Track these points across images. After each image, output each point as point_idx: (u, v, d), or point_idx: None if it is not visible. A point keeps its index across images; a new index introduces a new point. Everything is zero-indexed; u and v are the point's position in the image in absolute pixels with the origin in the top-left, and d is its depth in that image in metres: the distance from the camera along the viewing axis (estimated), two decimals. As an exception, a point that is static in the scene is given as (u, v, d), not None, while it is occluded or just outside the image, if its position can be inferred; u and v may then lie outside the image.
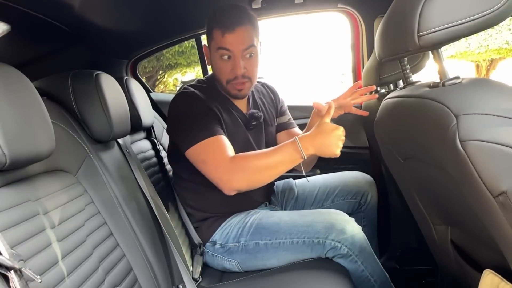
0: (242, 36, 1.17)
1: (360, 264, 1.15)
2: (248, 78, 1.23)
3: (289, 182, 1.57)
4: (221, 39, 1.16)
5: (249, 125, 1.33)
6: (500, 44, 10.64)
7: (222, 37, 1.16)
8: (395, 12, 0.76)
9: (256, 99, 1.42)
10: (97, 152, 1.07)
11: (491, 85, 0.64)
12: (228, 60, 1.19)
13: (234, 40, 1.16)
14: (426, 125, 0.71)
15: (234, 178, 1.09)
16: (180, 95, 1.26)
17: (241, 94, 1.27)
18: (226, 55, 1.18)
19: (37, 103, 0.76)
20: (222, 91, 1.31)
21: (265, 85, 1.53)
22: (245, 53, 1.19)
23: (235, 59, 1.18)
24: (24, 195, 0.74)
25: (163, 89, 10.24)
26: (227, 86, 1.24)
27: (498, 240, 0.61)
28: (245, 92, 1.27)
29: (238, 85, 1.23)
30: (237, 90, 1.24)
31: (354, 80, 1.98)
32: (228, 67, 1.20)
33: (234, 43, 1.16)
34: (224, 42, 1.16)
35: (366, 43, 1.82)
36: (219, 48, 1.18)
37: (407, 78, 1.01)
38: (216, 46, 1.19)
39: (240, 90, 1.25)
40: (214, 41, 1.19)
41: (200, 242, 1.30)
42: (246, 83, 1.24)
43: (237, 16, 1.18)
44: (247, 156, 1.11)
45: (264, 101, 1.45)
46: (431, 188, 0.87)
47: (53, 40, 1.39)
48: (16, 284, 0.59)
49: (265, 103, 1.45)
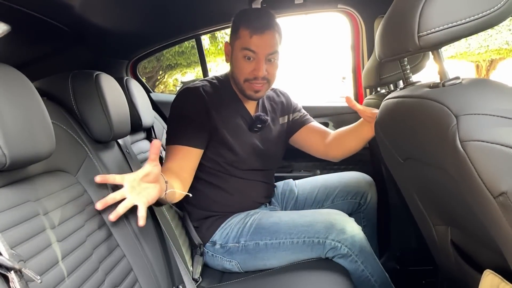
0: (269, 40, 1.19)
1: (360, 264, 1.15)
2: (267, 80, 1.24)
3: (289, 183, 1.57)
4: (248, 39, 1.18)
5: (253, 127, 1.33)
6: (500, 44, 10.64)
7: (250, 38, 1.18)
8: (395, 13, 0.76)
9: (266, 104, 1.43)
10: (97, 152, 1.07)
11: (491, 86, 0.64)
12: (250, 61, 1.21)
13: (261, 43, 1.18)
14: (426, 126, 0.71)
15: None
16: (183, 91, 1.27)
17: (257, 96, 1.27)
18: (250, 56, 1.20)
19: (37, 104, 0.76)
20: (236, 90, 1.31)
21: (277, 90, 1.53)
22: (269, 57, 1.21)
23: (259, 62, 1.20)
24: (24, 195, 0.74)
25: (163, 90, 10.24)
26: (243, 84, 1.25)
27: (498, 240, 0.61)
28: (262, 94, 1.28)
29: (256, 85, 1.23)
30: (253, 91, 1.25)
31: (354, 81, 1.98)
32: (250, 67, 1.21)
33: (260, 46, 1.18)
34: (250, 43, 1.18)
35: (366, 44, 1.82)
36: (245, 48, 1.19)
37: (407, 79, 1.01)
38: (241, 45, 1.20)
39: (256, 92, 1.25)
40: (240, 40, 1.20)
41: (200, 243, 1.30)
42: (265, 85, 1.25)
43: (267, 20, 1.20)
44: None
45: (274, 107, 1.45)
46: (431, 188, 0.87)
47: (53, 40, 1.38)
48: (16, 284, 0.59)
49: (274, 108, 1.45)
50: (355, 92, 2.00)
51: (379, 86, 1.54)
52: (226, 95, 1.31)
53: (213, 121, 1.24)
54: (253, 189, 1.36)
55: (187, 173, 1.17)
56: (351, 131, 1.36)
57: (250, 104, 1.36)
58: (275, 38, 1.21)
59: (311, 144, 1.46)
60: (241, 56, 1.21)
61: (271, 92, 1.51)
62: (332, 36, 19.51)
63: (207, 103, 1.23)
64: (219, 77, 1.36)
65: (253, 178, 1.35)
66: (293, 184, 1.56)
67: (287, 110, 1.48)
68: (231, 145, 1.27)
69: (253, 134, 1.33)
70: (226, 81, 1.34)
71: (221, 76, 1.37)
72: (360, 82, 1.94)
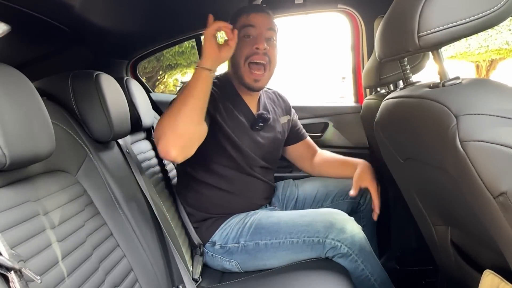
0: (266, 17, 1.26)
1: (360, 263, 1.15)
2: (268, 58, 1.25)
3: (289, 183, 1.57)
4: (246, 18, 1.24)
5: (255, 126, 1.33)
6: (500, 44, 10.64)
7: (248, 16, 1.24)
8: (395, 13, 0.76)
9: (267, 104, 1.44)
10: (97, 152, 1.07)
11: (491, 86, 0.64)
12: (250, 38, 1.24)
13: (259, 18, 1.25)
14: (426, 126, 0.71)
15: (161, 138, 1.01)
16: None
17: (256, 85, 1.28)
18: (249, 34, 1.24)
19: (37, 104, 0.76)
20: (236, 81, 1.31)
21: (277, 94, 1.56)
22: (268, 33, 1.25)
23: (259, 35, 1.24)
24: (24, 195, 0.74)
25: (163, 90, 10.23)
26: (243, 67, 1.25)
27: (498, 240, 0.61)
28: (261, 84, 1.28)
29: (256, 72, 1.24)
30: (253, 80, 1.25)
31: (354, 81, 1.98)
32: (251, 44, 1.24)
33: (258, 20, 1.24)
34: (249, 20, 1.24)
35: (366, 44, 1.82)
36: (244, 26, 1.24)
37: (407, 79, 1.01)
38: (240, 26, 1.24)
39: (256, 81, 1.26)
40: (239, 23, 1.25)
41: (200, 243, 1.30)
42: (265, 73, 1.26)
43: (264, 8, 1.30)
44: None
45: (274, 107, 1.48)
46: (431, 188, 0.87)
47: (53, 40, 1.38)
48: (16, 284, 0.59)
49: (275, 109, 1.47)
50: (355, 92, 2.00)
51: (379, 86, 1.54)
52: (229, 94, 1.31)
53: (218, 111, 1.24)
54: (254, 190, 1.36)
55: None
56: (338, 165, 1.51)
57: (252, 103, 1.37)
58: (271, 18, 1.28)
59: (300, 159, 1.59)
60: (241, 37, 1.23)
61: (271, 94, 1.52)
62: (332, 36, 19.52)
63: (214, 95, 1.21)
64: (218, 77, 1.36)
65: (254, 179, 1.35)
66: (293, 184, 1.56)
67: (287, 112, 1.53)
68: (234, 141, 1.27)
69: (254, 132, 1.34)
70: (226, 80, 1.35)
71: (220, 76, 1.37)
72: (360, 82, 1.94)
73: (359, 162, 1.43)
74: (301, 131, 1.58)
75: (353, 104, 1.99)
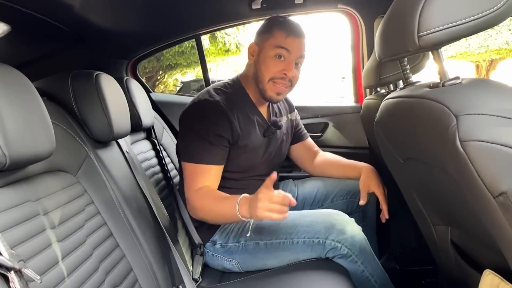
0: (301, 44, 1.26)
1: (360, 264, 1.15)
2: (290, 83, 1.27)
3: (288, 183, 1.57)
4: (284, 39, 1.23)
5: (268, 132, 1.34)
6: (500, 44, 10.64)
7: (286, 38, 1.23)
8: (395, 13, 0.76)
9: (275, 108, 1.45)
10: (97, 152, 1.07)
11: (491, 86, 0.64)
12: (281, 60, 1.24)
13: (295, 44, 1.24)
14: (426, 126, 0.71)
15: (193, 209, 1.20)
16: (204, 102, 1.24)
17: (277, 98, 1.29)
18: (282, 55, 1.23)
19: (37, 104, 0.76)
20: (255, 91, 1.31)
21: None
22: (298, 60, 1.26)
23: (290, 62, 1.24)
24: (24, 195, 0.74)
25: (163, 90, 10.24)
26: (267, 84, 1.26)
27: (498, 240, 0.61)
28: (282, 97, 1.31)
29: (280, 87, 1.26)
30: (275, 93, 1.27)
31: (354, 81, 1.98)
32: (280, 66, 1.24)
33: (294, 47, 1.23)
34: (286, 42, 1.23)
35: (366, 44, 1.82)
36: (279, 47, 1.23)
37: (407, 79, 1.01)
38: (275, 44, 1.23)
39: (279, 94, 1.28)
40: (275, 39, 1.24)
41: (200, 242, 1.30)
42: (287, 88, 1.28)
43: (301, 28, 1.29)
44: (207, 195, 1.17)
45: (280, 109, 1.48)
46: (431, 188, 0.87)
47: (53, 40, 1.39)
48: (16, 284, 0.59)
49: (282, 110, 1.49)
50: (355, 92, 2.00)
51: (379, 86, 1.54)
52: (241, 101, 1.31)
53: (236, 133, 1.24)
54: (254, 190, 1.35)
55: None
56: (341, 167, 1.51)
57: (264, 109, 1.38)
58: (304, 45, 1.28)
59: (301, 159, 1.59)
60: (272, 55, 1.23)
61: None
62: (332, 36, 19.52)
63: (230, 117, 1.22)
64: (230, 83, 1.35)
65: (256, 179, 1.35)
66: (292, 184, 1.56)
67: (290, 111, 1.54)
68: (247, 152, 1.27)
69: (266, 138, 1.34)
70: (238, 86, 1.34)
71: (232, 81, 1.36)
72: (360, 82, 1.94)
73: (363, 167, 1.42)
74: (303, 131, 1.59)
75: (353, 104, 1.99)
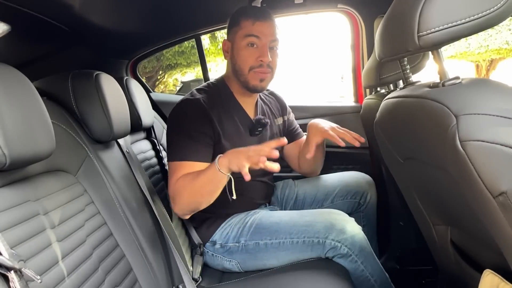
0: (271, 27, 1.24)
1: (360, 264, 1.15)
2: (270, 69, 1.26)
3: (288, 182, 1.57)
4: (251, 26, 1.22)
5: (254, 131, 1.33)
6: (500, 44, 10.64)
7: (253, 25, 1.22)
8: (395, 12, 0.76)
9: (264, 107, 1.44)
10: (97, 152, 1.07)
11: (491, 85, 0.64)
12: (254, 48, 1.23)
13: (264, 29, 1.22)
14: (426, 125, 0.71)
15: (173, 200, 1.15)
16: (185, 101, 1.25)
17: (262, 85, 1.27)
18: (254, 43, 1.22)
19: (37, 103, 0.76)
20: (238, 86, 1.30)
21: (273, 94, 1.55)
22: (272, 44, 1.24)
23: (263, 47, 1.23)
24: (24, 195, 0.74)
25: (163, 89, 10.24)
26: (248, 75, 1.25)
27: (498, 240, 0.61)
28: (266, 83, 1.29)
29: (261, 74, 1.24)
30: (258, 80, 1.25)
31: (354, 80, 1.98)
32: (254, 54, 1.23)
33: (264, 32, 1.22)
34: (254, 29, 1.22)
35: (366, 43, 1.82)
36: (248, 35, 1.22)
37: (407, 78, 1.01)
38: (244, 33, 1.22)
39: (262, 81, 1.26)
40: (242, 30, 1.23)
41: (200, 242, 1.30)
42: (268, 74, 1.26)
43: (267, 12, 1.27)
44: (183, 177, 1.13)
45: (271, 110, 1.47)
46: (431, 188, 0.87)
47: (53, 40, 1.39)
48: (16, 284, 0.59)
49: (273, 111, 1.47)
50: (355, 92, 2.00)
51: (379, 86, 1.54)
52: (225, 101, 1.30)
53: (216, 131, 1.23)
54: (253, 189, 1.36)
55: None
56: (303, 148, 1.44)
57: (249, 107, 1.36)
58: (275, 27, 1.26)
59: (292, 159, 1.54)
60: (244, 45, 1.23)
61: (267, 96, 1.52)
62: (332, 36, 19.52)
63: (210, 115, 1.22)
64: (214, 82, 1.35)
65: (253, 179, 1.35)
66: (292, 184, 1.56)
67: (282, 112, 1.52)
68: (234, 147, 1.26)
69: (253, 138, 1.33)
70: (223, 85, 1.34)
71: (216, 81, 1.36)
72: (360, 82, 1.94)
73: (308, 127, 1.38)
74: (297, 130, 1.56)
75: (353, 104, 1.99)
